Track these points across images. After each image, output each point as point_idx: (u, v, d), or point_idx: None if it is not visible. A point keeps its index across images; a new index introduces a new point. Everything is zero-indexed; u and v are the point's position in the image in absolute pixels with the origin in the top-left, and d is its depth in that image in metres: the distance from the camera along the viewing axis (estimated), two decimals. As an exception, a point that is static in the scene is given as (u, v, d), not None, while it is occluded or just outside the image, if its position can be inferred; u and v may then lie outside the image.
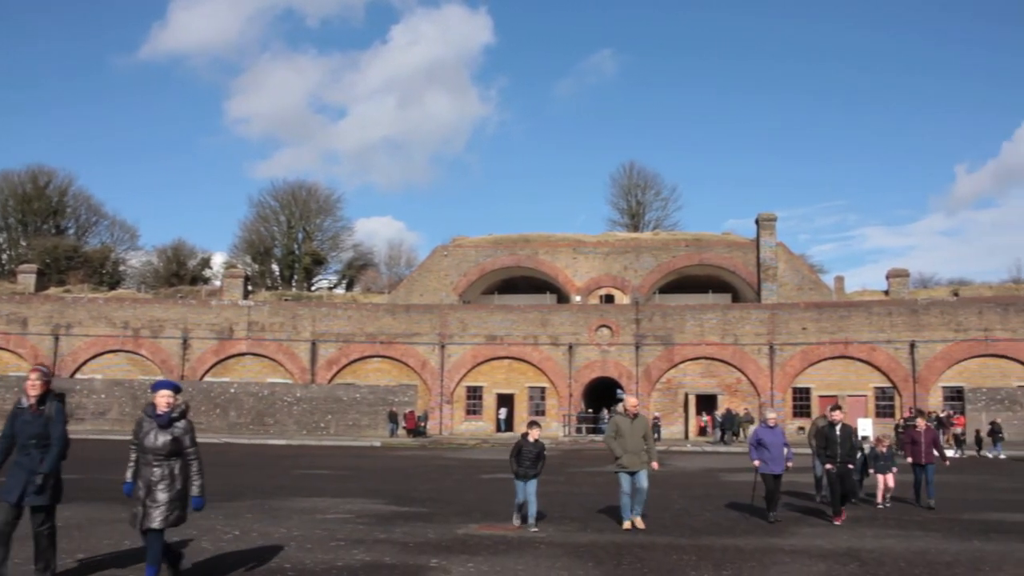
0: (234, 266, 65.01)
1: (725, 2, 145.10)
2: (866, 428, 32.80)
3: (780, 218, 52.94)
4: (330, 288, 73.49)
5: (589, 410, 46.33)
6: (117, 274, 69.98)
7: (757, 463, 13.14)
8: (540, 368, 46.09)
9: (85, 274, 61.73)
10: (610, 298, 53.12)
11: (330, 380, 46.40)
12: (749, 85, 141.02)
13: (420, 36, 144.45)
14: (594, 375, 45.88)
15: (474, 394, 46.73)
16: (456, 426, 45.94)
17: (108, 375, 46.03)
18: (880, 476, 15.73)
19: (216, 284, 64.54)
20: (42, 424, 7.45)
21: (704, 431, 43.78)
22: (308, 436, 40.07)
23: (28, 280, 52.89)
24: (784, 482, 13.77)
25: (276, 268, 74.68)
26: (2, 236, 71.18)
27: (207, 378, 46.45)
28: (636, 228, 71.40)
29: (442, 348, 46.53)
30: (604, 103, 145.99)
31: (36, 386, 7.52)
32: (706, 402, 44.70)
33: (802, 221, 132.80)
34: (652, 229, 68.38)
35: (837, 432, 13.35)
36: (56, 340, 47.23)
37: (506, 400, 46.42)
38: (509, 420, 45.73)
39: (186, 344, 47.25)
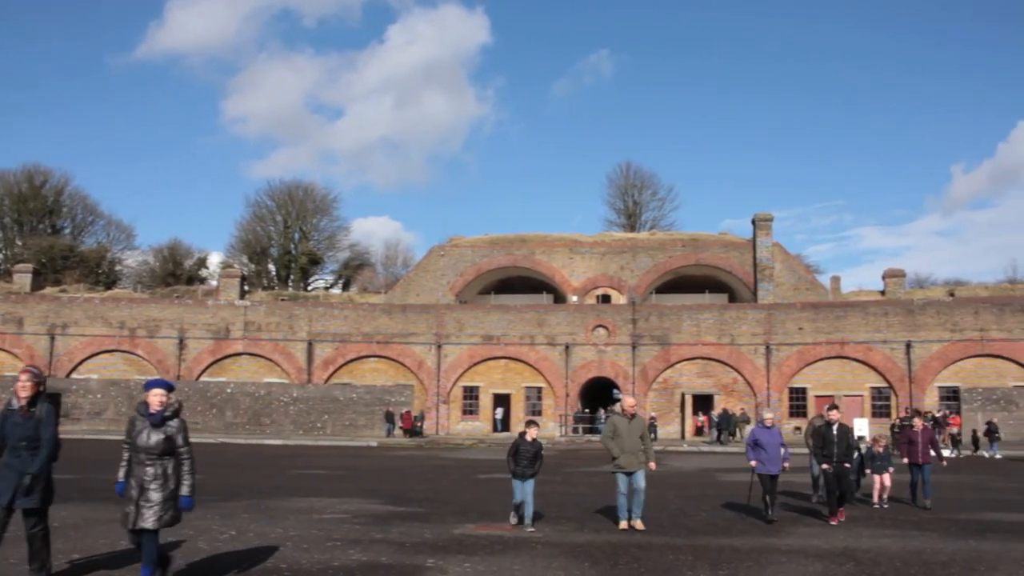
0: (230, 266, 64.94)
1: (722, 3, 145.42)
2: (862, 428, 32.76)
3: (776, 218, 53.02)
4: (326, 288, 73.45)
5: (586, 410, 46.33)
6: (113, 274, 69.87)
7: (754, 463, 13.16)
8: (537, 368, 46.11)
9: (81, 274, 61.62)
10: (607, 298, 53.15)
11: (326, 380, 46.37)
12: (745, 85, 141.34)
13: (417, 36, 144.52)
14: (591, 375, 45.90)
15: (470, 394, 46.73)
16: (452, 426, 45.93)
17: (104, 375, 45.96)
18: (876, 476, 15.78)
19: (212, 284, 64.51)
20: (33, 426, 7.37)
21: (701, 431, 43.83)
22: (304, 436, 40.03)
23: (24, 280, 52.78)
24: (781, 482, 13.78)
25: (272, 268, 74.62)
26: (-2, 236, 71.10)
27: (203, 378, 46.41)
28: (633, 228, 71.43)
29: (438, 348, 46.53)
30: (601, 103, 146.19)
31: (27, 388, 7.43)
32: (702, 402, 44.73)
33: (798, 221, 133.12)
34: (649, 229, 68.42)
35: (834, 432, 13.40)
36: (52, 340, 47.15)
37: (502, 400, 46.42)
38: (506, 420, 45.75)
39: (182, 344, 47.20)
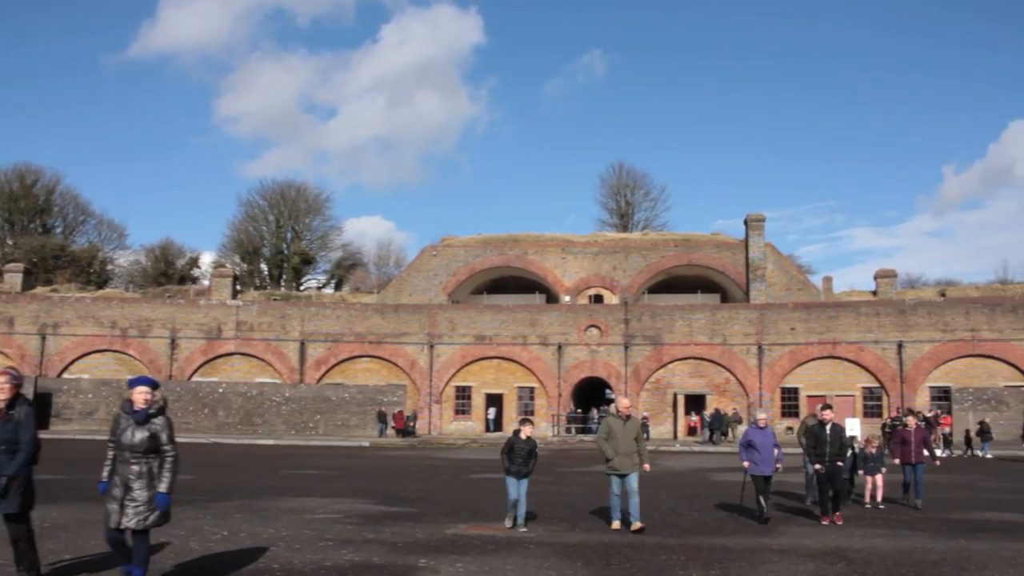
0: (223, 266, 64.76)
1: (714, 3, 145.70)
2: (853, 428, 32.82)
3: (768, 219, 53.19)
4: (319, 288, 73.28)
5: (578, 410, 46.35)
6: (105, 273, 69.59)
7: (747, 464, 13.17)
8: (529, 368, 46.10)
9: (72, 273, 61.33)
10: (599, 298, 53.18)
11: (319, 380, 46.28)
12: (738, 86, 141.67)
13: (411, 36, 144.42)
14: (583, 375, 45.92)
15: (463, 394, 46.69)
16: (445, 426, 45.89)
17: (95, 375, 45.74)
18: (869, 477, 15.82)
19: (204, 284, 64.26)
20: (12, 429, 7.25)
21: (693, 431, 43.88)
22: (297, 436, 39.94)
23: (15, 279, 52.49)
24: (773, 482, 13.81)
25: (265, 268, 74.42)
26: (-11, 235, 70.72)
27: (195, 378, 46.25)
28: (625, 228, 71.51)
29: (431, 348, 46.48)
30: (594, 103, 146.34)
31: (4, 390, 7.26)
32: (695, 402, 44.78)
33: (790, 222, 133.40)
34: (641, 229, 68.49)
35: (827, 431, 13.43)
36: (43, 340, 46.92)
37: (495, 400, 46.40)
38: (498, 420, 45.73)
39: (174, 344, 47.04)
